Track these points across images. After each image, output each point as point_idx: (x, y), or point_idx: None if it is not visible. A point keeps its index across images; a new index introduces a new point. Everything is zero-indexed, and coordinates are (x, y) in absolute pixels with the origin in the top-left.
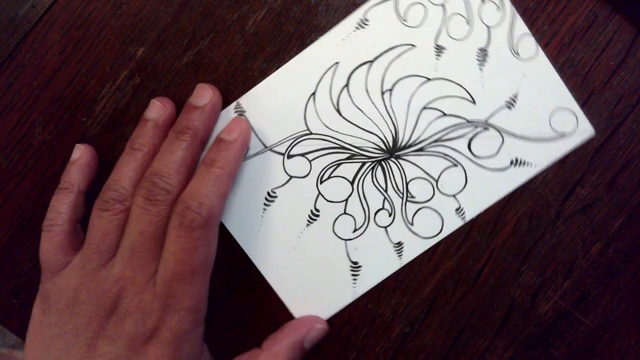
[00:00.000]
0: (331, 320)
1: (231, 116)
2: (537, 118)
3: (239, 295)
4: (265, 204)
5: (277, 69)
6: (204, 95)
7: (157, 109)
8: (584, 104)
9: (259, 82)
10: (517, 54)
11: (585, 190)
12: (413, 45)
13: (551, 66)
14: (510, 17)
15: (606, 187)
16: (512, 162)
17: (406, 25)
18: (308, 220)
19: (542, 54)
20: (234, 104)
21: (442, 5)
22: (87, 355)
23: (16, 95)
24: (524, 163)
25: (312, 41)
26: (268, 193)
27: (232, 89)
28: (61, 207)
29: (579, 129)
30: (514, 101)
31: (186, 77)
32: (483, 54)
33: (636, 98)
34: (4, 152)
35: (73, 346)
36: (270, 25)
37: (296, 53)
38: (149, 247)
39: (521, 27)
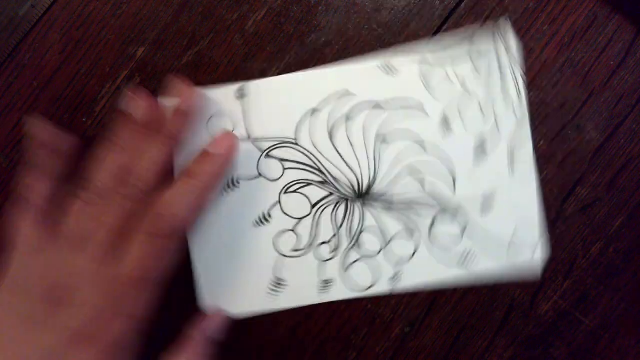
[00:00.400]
0: (331, 320)
1: (230, 97)
2: (501, 233)
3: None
4: (225, 189)
5: (277, 69)
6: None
7: (136, 105)
8: (584, 104)
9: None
10: (513, 171)
11: (585, 190)
12: (426, 113)
13: (537, 201)
14: (524, 136)
15: (606, 187)
16: (459, 261)
17: (428, 92)
18: (256, 222)
19: (534, 184)
20: (237, 86)
21: (468, 92)
22: (25, 341)
23: (16, 95)
24: (469, 267)
25: (311, 41)
26: (232, 179)
27: None
28: (37, 186)
29: (529, 266)
30: (489, 209)
31: (186, 77)
32: (482, 152)
33: (636, 98)
34: (4, 152)
35: (12, 328)
36: (270, 25)
37: (296, 53)
38: (114, 244)
39: (528, 150)
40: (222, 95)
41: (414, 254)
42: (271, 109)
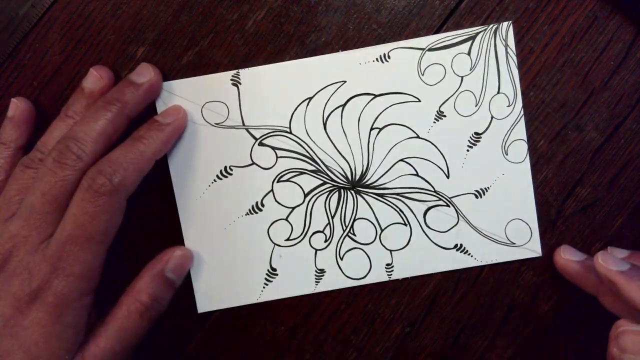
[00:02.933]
0: (331, 321)
1: (226, 82)
2: (497, 218)
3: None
4: (218, 177)
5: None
6: (144, 73)
7: (94, 79)
8: (584, 104)
9: None
10: (507, 153)
11: (585, 190)
12: (418, 100)
13: (530, 178)
14: (516, 118)
15: (606, 187)
16: (456, 246)
17: (421, 79)
18: (249, 211)
19: (527, 163)
20: (232, 72)
21: (461, 77)
22: None
23: (16, 95)
24: (467, 252)
25: (311, 41)
26: (225, 168)
27: None
28: None
29: (528, 245)
30: (484, 193)
31: (186, 77)
32: (476, 138)
33: (636, 98)
34: None
35: None
36: (270, 25)
37: (296, 53)
38: (48, 210)
39: (521, 131)
40: (217, 81)
41: (409, 241)
42: (266, 97)
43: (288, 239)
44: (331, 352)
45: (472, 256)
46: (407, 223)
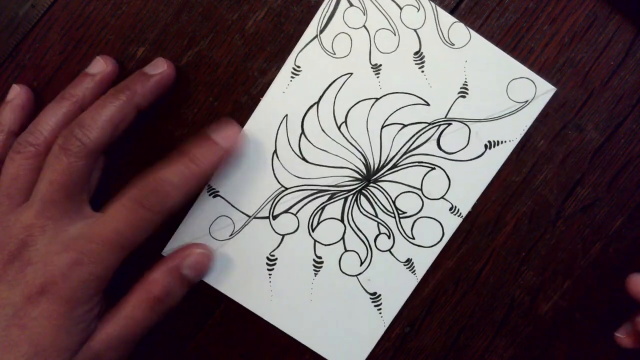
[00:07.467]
0: None
1: (211, 201)
2: (495, 96)
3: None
4: (268, 269)
5: (277, 69)
6: (158, 66)
7: (97, 65)
8: (584, 104)
9: (258, 82)
10: (452, 44)
11: (585, 190)
12: (350, 73)
13: (489, 43)
14: (433, 13)
15: (606, 187)
16: (486, 146)
17: (336, 58)
18: (314, 270)
19: (476, 36)
20: (205, 188)
21: (364, 27)
22: None
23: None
24: (498, 142)
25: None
26: (267, 258)
27: (232, 89)
28: None
29: (538, 91)
30: (466, 88)
31: (186, 77)
32: (419, 56)
33: (636, 98)
34: None
35: None
36: (270, 25)
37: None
38: (59, 198)
39: (446, 18)
40: (202, 205)
41: (449, 178)
42: (244, 181)
43: (362, 264)
44: None
45: (505, 142)
46: (434, 166)
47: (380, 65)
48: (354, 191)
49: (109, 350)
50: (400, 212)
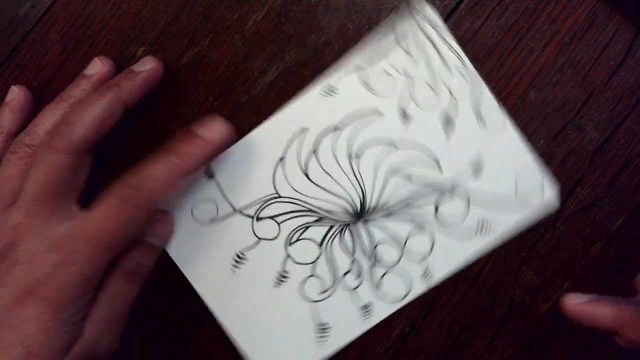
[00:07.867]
0: None
1: (204, 182)
2: (504, 190)
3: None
4: (234, 266)
5: (277, 69)
6: (146, 64)
7: (95, 67)
8: (584, 104)
9: (258, 82)
10: (485, 125)
11: (585, 190)
12: (381, 114)
13: (520, 140)
14: (481, 91)
15: (606, 187)
16: (477, 231)
17: (374, 95)
18: (276, 282)
19: (510, 127)
20: (204, 167)
21: (411, 77)
22: None
23: None
24: (489, 231)
25: (311, 41)
26: (237, 255)
27: (231, 89)
28: None
29: (543, 202)
30: (480, 170)
31: (186, 77)
32: (450, 124)
33: (636, 98)
34: None
35: None
36: (270, 25)
37: (296, 53)
38: (44, 197)
39: (489, 99)
40: (194, 182)
41: (432, 245)
42: (243, 175)
43: (322, 292)
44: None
45: (495, 233)
46: (424, 228)
47: (411, 117)
48: (341, 224)
49: (103, 334)
50: (376, 259)
